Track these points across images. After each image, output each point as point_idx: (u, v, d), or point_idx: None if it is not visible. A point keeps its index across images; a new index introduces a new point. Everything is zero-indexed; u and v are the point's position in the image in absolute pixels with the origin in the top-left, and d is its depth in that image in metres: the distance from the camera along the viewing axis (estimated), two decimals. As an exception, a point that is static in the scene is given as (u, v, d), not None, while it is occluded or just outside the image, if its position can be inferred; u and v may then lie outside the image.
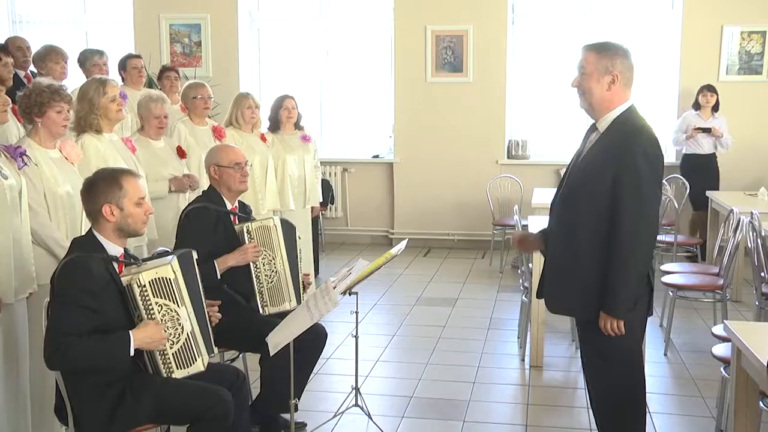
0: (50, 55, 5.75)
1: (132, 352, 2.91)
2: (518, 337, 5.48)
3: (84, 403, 2.99)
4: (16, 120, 4.05)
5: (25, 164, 3.65)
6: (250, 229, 3.89)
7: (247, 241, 3.87)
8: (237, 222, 3.99)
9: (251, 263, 3.87)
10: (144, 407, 2.99)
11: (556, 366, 5.04)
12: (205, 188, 4.14)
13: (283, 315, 3.79)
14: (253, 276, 3.89)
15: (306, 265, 5.02)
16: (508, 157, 8.53)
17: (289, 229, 4.03)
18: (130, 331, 2.91)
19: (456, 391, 4.60)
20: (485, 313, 6.19)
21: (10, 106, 4.00)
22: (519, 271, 6.11)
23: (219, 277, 3.76)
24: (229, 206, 4.00)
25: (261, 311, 3.89)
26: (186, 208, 3.98)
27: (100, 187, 3.07)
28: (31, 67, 6.08)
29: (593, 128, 3.22)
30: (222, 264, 3.79)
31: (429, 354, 5.23)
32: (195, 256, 3.28)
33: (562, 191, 3.23)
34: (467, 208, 8.53)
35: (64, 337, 2.83)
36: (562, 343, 5.44)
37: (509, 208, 7.85)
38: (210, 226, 3.86)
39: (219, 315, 3.38)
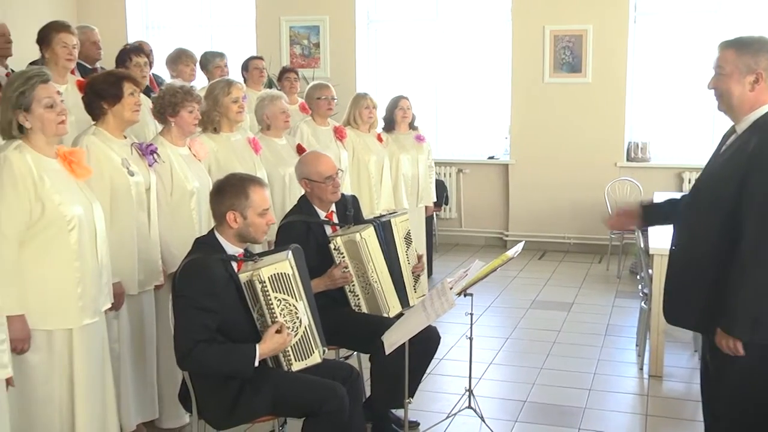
0: (181, 58, 5.99)
1: (257, 364, 3.00)
2: (636, 345, 5.31)
3: (207, 393, 3.10)
4: (156, 120, 4.24)
5: (155, 161, 3.82)
6: (338, 245, 3.78)
7: (336, 257, 3.77)
8: (335, 229, 3.92)
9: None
10: (263, 399, 3.07)
11: (678, 377, 4.85)
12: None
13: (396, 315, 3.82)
14: (347, 291, 3.83)
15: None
16: (628, 160, 8.28)
17: (386, 232, 3.89)
18: (257, 346, 3.00)
19: (571, 398, 4.50)
20: (602, 319, 6.02)
21: (150, 106, 4.19)
22: (638, 276, 5.92)
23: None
24: (322, 215, 3.94)
25: None
26: (281, 221, 3.95)
27: (227, 194, 3.16)
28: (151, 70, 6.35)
29: (731, 131, 2.93)
30: (315, 288, 3.57)
31: (543, 358, 5.14)
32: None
33: (687, 197, 3.06)
34: (584, 212, 8.33)
35: (194, 344, 2.95)
36: (684, 352, 5.23)
37: (628, 212, 7.60)
38: (299, 240, 3.68)
39: None
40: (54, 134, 3.06)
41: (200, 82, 6.04)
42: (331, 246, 3.79)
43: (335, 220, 3.99)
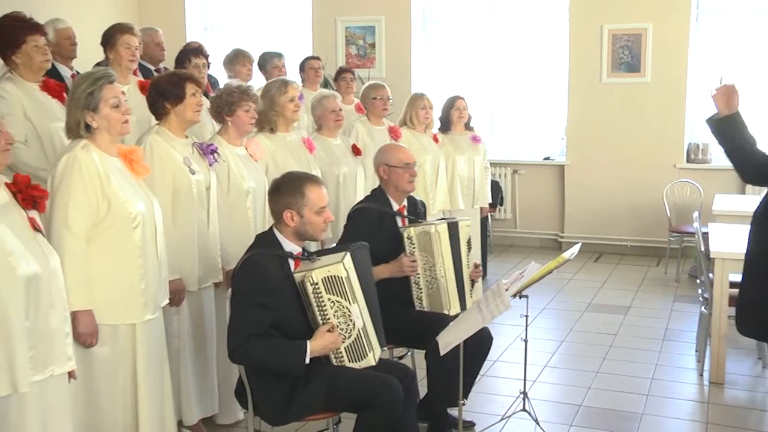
0: (238, 59, 6.06)
1: (307, 361, 3.02)
2: (696, 351, 5.19)
3: (262, 389, 3.14)
4: (213, 121, 4.31)
5: (216, 161, 3.88)
6: (411, 235, 3.83)
7: (407, 247, 3.82)
8: (405, 223, 3.98)
9: None
10: (316, 393, 3.09)
11: (740, 384, 4.73)
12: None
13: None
14: (412, 282, 3.86)
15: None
16: (688, 161, 8.11)
17: (454, 232, 3.90)
18: (308, 342, 3.03)
19: (628, 403, 4.42)
20: (660, 323, 5.91)
21: (207, 106, 4.26)
22: (697, 281, 5.79)
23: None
24: (395, 207, 4.00)
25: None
26: (353, 207, 4.05)
27: (284, 192, 3.19)
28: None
29: None
30: (377, 274, 3.63)
31: (599, 362, 5.07)
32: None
33: (761, 207, 2.97)
34: (641, 214, 8.19)
35: (246, 338, 2.99)
36: (747, 359, 5.10)
37: (687, 214, 7.46)
38: (372, 226, 3.83)
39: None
40: (118, 133, 3.13)
41: (257, 82, 6.11)
42: (404, 235, 3.84)
43: (407, 215, 4.03)
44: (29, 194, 2.65)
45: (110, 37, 4.76)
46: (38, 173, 3.80)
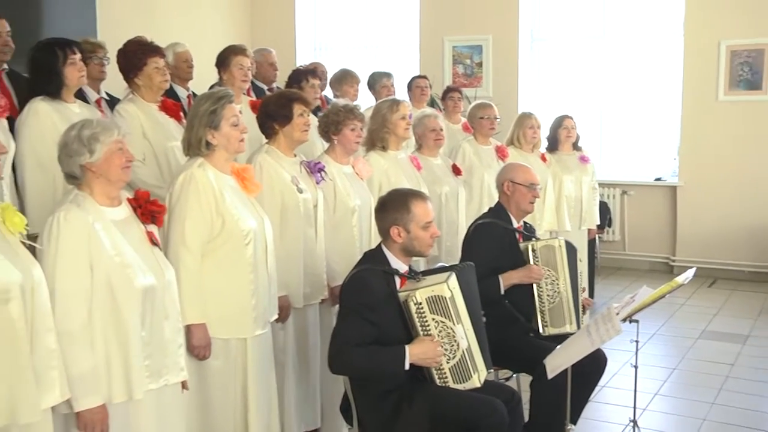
0: (346, 79, 6.15)
1: (407, 367, 3.01)
2: (823, 385, 4.89)
3: (366, 407, 3.15)
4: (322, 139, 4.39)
5: (323, 179, 3.94)
6: (536, 248, 3.89)
7: (531, 260, 3.87)
8: (522, 240, 3.99)
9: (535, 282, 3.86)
10: (421, 414, 3.07)
11: None
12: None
13: (559, 338, 3.73)
14: (536, 295, 3.87)
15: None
16: (813, 183, 7.69)
17: (571, 250, 3.97)
18: (406, 347, 3.02)
19: (748, 438, 4.20)
20: (781, 354, 5.60)
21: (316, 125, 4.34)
22: (824, 310, 5.46)
23: (503, 292, 3.79)
24: (515, 224, 4.03)
25: (542, 331, 3.86)
26: (475, 222, 4.06)
27: (390, 209, 3.21)
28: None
29: None
30: (506, 280, 3.82)
31: (715, 393, 4.83)
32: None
33: None
34: (761, 238, 7.79)
35: (346, 345, 3.00)
36: None
37: (812, 239, 7.06)
38: (497, 241, 3.91)
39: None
40: (235, 151, 3.24)
41: (364, 101, 6.18)
42: (529, 248, 3.88)
43: (525, 232, 4.07)
44: (148, 209, 2.78)
45: (224, 59, 4.93)
46: (155, 191, 3.94)
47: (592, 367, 3.67)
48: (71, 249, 2.55)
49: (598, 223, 6.64)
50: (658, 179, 8.39)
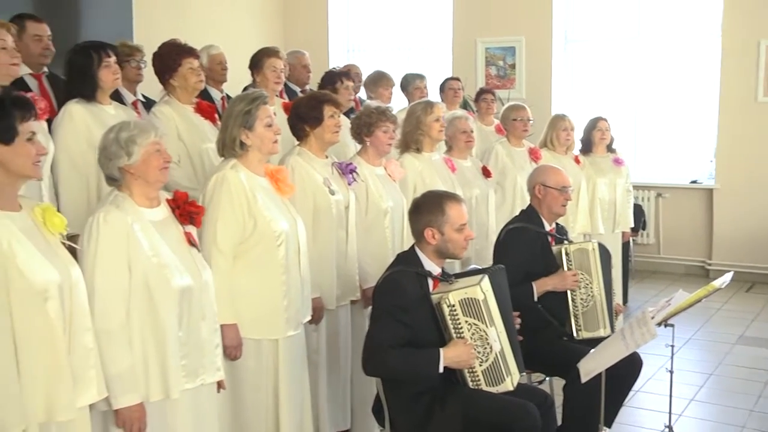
0: (381, 81, 6.14)
1: (441, 369, 3.00)
2: None
3: (399, 409, 3.15)
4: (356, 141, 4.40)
5: (354, 180, 3.95)
6: (569, 251, 3.86)
7: (564, 263, 3.84)
8: (554, 243, 3.96)
9: None
10: (453, 417, 3.06)
11: None
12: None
13: (592, 342, 3.70)
14: (570, 299, 3.84)
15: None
16: None
17: (604, 253, 3.93)
18: (441, 350, 3.01)
19: (788, 446, 4.12)
20: (822, 360, 5.49)
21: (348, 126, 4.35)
22: None
23: (536, 299, 3.76)
24: (547, 227, 4.00)
25: (575, 335, 3.83)
26: (506, 226, 4.04)
27: (424, 211, 3.21)
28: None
29: None
30: (540, 287, 3.80)
31: (754, 400, 4.74)
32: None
33: None
34: (800, 242, 7.66)
35: (380, 347, 3.01)
36: None
37: None
38: (529, 245, 3.87)
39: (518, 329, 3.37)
40: (268, 152, 3.26)
41: (396, 104, 6.18)
42: (562, 251, 3.86)
43: (557, 235, 4.05)
44: (186, 210, 2.81)
45: (258, 61, 4.96)
46: (189, 192, 3.98)
47: (627, 371, 3.64)
48: (110, 249, 2.59)
49: (632, 225, 6.56)
50: (694, 182, 8.28)
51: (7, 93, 2.35)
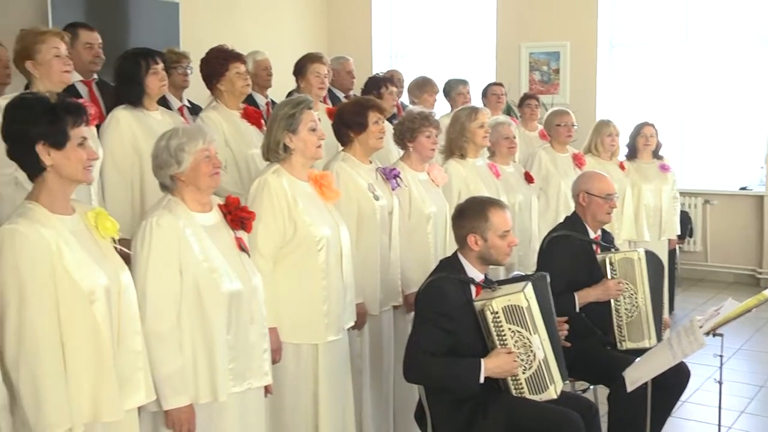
0: (426, 87, 6.12)
1: (482, 380, 2.98)
2: None
3: (441, 416, 3.15)
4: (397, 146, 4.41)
5: (398, 185, 3.95)
6: (613, 261, 3.80)
7: (608, 273, 3.78)
8: (599, 251, 3.91)
9: None
10: (496, 425, 3.05)
11: None
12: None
13: (637, 350, 3.65)
14: (613, 309, 3.78)
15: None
16: None
17: (654, 261, 3.87)
18: (482, 360, 2.99)
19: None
20: None
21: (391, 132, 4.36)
22: None
23: (578, 310, 3.72)
24: (591, 235, 3.95)
25: (618, 346, 3.77)
26: (549, 234, 4.00)
27: (468, 217, 3.20)
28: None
29: None
30: (583, 298, 3.76)
31: (808, 414, 4.64)
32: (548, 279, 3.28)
33: None
34: None
35: (422, 355, 3.01)
36: None
37: None
38: (572, 254, 3.84)
39: (565, 335, 3.33)
40: (312, 157, 3.27)
41: (439, 109, 6.16)
42: (606, 260, 3.80)
43: (602, 243, 4.00)
44: (238, 215, 2.84)
45: (302, 67, 5.00)
46: (236, 198, 4.04)
47: (674, 380, 3.58)
48: (162, 253, 2.63)
49: (679, 233, 6.46)
50: (744, 188, 8.12)
51: (59, 99, 2.40)
